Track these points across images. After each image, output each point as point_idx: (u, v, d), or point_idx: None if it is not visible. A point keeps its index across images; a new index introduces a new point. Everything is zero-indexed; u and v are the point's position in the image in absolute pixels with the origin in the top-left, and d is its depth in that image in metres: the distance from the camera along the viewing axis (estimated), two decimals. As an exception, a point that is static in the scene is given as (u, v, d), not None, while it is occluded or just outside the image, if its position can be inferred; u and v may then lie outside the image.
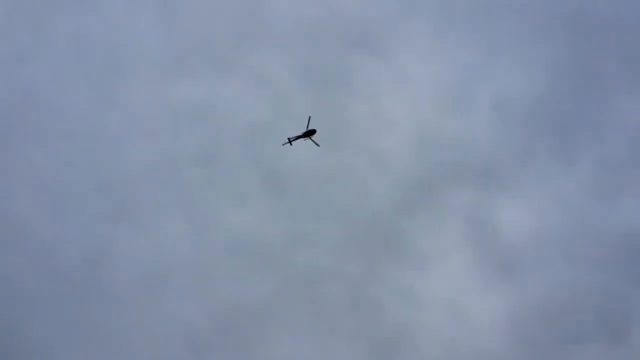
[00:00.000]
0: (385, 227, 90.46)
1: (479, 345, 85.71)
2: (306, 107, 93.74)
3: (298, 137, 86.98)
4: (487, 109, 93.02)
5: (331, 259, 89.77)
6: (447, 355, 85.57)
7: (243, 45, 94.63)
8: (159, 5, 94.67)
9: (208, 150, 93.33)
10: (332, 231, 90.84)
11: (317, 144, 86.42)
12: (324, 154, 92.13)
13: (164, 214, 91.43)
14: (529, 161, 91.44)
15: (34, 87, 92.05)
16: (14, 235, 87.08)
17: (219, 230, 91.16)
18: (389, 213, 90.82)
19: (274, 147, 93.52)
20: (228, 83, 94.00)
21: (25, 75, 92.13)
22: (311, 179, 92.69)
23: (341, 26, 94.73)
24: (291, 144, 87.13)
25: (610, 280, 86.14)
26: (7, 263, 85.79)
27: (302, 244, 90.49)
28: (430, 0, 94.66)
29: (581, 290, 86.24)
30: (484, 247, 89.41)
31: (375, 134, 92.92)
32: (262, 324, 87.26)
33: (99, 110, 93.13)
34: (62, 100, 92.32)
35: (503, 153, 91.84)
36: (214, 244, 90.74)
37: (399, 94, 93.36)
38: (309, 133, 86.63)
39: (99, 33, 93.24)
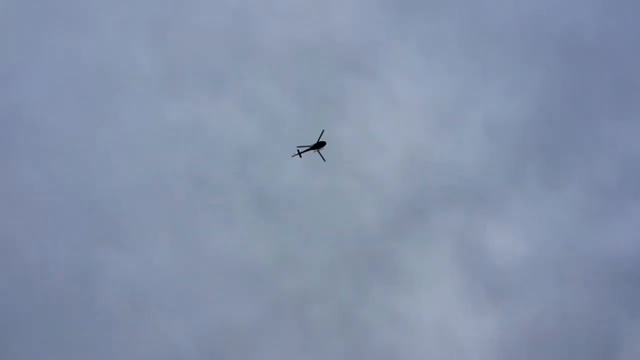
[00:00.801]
0: (374, 249, 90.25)
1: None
2: (297, 129, 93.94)
3: (308, 149, 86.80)
4: (477, 132, 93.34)
5: (319, 281, 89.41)
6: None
7: (235, 66, 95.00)
8: (152, 25, 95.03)
9: (198, 171, 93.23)
10: (320, 253, 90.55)
11: (323, 159, 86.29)
12: (314, 175, 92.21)
13: (152, 235, 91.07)
14: (518, 185, 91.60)
15: (22, 104, 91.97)
16: None
17: (207, 252, 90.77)
18: (378, 236, 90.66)
19: (264, 169, 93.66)
20: (219, 104, 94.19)
21: (14, 92, 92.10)
22: (301, 200, 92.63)
23: (333, 49, 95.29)
24: (300, 156, 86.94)
25: (599, 305, 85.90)
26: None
27: (291, 266, 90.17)
28: (421, 24, 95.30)
29: (570, 314, 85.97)
30: (473, 270, 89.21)
31: (365, 156, 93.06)
32: (249, 347, 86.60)
33: (89, 129, 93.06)
34: (51, 118, 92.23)
35: (492, 177, 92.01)
36: (202, 265, 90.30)
37: (389, 117, 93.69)
38: (319, 145, 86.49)
39: (91, 51, 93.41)
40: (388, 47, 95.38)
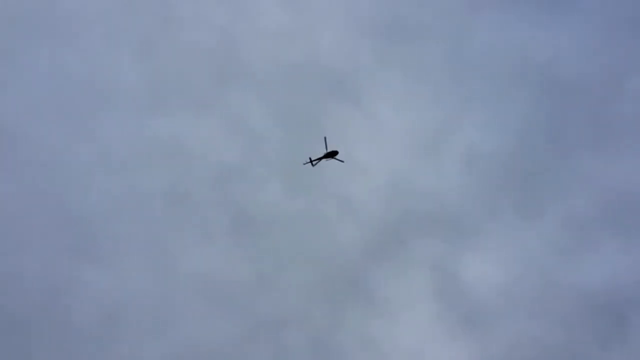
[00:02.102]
0: (351, 274, 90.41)
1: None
2: (280, 151, 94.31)
3: (320, 159, 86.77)
4: (457, 161, 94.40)
5: (296, 304, 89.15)
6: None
7: (220, 86, 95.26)
8: (139, 42, 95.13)
9: (178, 188, 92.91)
10: (297, 276, 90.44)
11: (341, 161, 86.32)
12: (294, 197, 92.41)
13: (128, 251, 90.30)
14: (495, 215, 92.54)
15: (3, 116, 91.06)
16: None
17: (183, 270, 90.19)
18: (356, 260, 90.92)
19: (245, 189, 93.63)
20: (203, 123, 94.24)
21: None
22: (280, 222, 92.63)
23: (318, 73, 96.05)
24: (313, 165, 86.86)
25: (573, 336, 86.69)
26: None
27: (267, 287, 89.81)
28: (407, 52, 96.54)
29: (544, 345, 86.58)
30: (448, 298, 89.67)
31: (346, 180, 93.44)
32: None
33: (70, 142, 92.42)
34: (31, 130, 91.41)
35: (471, 205, 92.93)
36: (178, 284, 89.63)
37: (371, 143, 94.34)
38: (332, 154, 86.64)
39: (76, 65, 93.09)
40: (373, 74, 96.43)
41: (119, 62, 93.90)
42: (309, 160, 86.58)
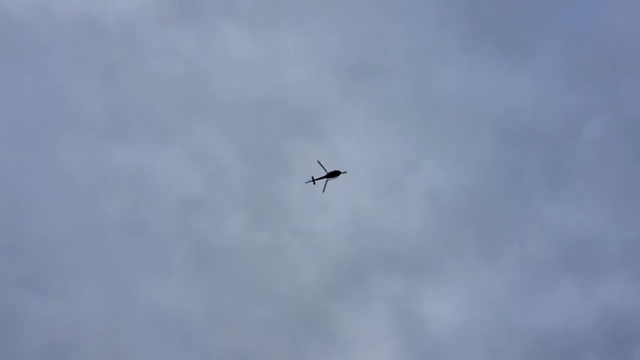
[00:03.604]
0: (311, 310, 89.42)
1: None
2: (242, 184, 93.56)
3: (322, 178, 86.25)
4: (418, 199, 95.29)
5: (254, 340, 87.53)
6: None
7: (185, 117, 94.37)
8: (104, 69, 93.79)
9: (136, 218, 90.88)
10: (257, 311, 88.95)
11: (344, 172, 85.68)
12: (256, 231, 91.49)
13: (81, 281, 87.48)
14: (455, 254, 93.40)
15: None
16: None
17: (138, 303, 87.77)
18: (316, 296, 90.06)
19: (206, 221, 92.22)
20: (165, 153, 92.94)
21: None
22: (240, 256, 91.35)
23: (284, 108, 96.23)
24: (314, 183, 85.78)
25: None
26: None
27: (225, 322, 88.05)
28: (371, 91, 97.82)
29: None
30: (408, 336, 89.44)
31: (308, 215, 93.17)
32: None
33: (25, 165, 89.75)
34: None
35: (431, 244, 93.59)
36: (132, 317, 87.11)
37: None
38: (334, 174, 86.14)
39: (38, 89, 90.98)
40: (338, 111, 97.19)
41: (83, 87, 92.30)
42: (311, 179, 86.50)
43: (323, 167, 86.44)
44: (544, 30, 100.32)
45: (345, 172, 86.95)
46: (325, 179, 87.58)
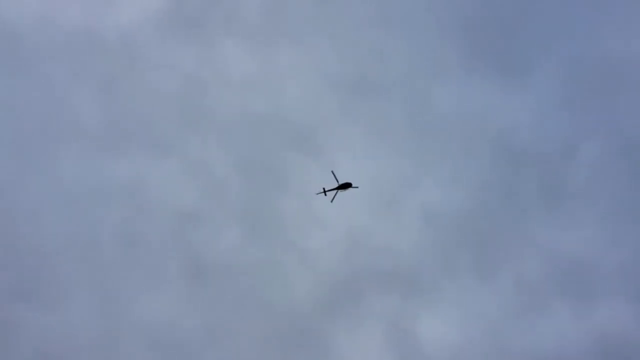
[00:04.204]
0: (306, 326, 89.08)
1: None
2: (238, 199, 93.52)
3: (333, 189, 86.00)
4: (415, 218, 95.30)
5: (248, 355, 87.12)
6: None
7: (182, 131, 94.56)
8: (103, 81, 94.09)
9: (132, 231, 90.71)
10: (251, 326, 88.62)
11: (356, 187, 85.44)
12: (251, 246, 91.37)
13: (76, 293, 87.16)
14: (451, 274, 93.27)
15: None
16: None
17: (132, 316, 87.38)
18: (311, 312, 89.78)
19: (201, 235, 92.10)
20: (162, 166, 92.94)
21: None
22: (235, 271, 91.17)
23: (281, 123, 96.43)
24: (325, 194, 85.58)
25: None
26: None
27: (219, 336, 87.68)
28: (370, 108, 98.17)
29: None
30: (402, 355, 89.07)
31: (305, 232, 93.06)
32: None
33: (21, 176, 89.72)
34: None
35: (427, 263, 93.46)
36: (126, 330, 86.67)
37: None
38: (345, 186, 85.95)
39: (36, 100, 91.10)
40: (335, 127, 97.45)
41: (82, 99, 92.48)
42: (322, 190, 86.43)
43: (336, 177, 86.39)
44: (541, 52, 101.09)
45: (357, 187, 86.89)
46: (335, 191, 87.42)
